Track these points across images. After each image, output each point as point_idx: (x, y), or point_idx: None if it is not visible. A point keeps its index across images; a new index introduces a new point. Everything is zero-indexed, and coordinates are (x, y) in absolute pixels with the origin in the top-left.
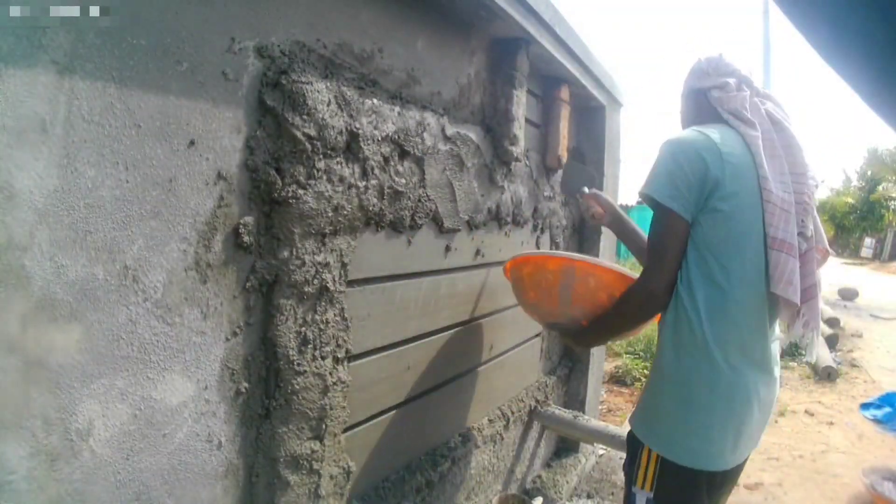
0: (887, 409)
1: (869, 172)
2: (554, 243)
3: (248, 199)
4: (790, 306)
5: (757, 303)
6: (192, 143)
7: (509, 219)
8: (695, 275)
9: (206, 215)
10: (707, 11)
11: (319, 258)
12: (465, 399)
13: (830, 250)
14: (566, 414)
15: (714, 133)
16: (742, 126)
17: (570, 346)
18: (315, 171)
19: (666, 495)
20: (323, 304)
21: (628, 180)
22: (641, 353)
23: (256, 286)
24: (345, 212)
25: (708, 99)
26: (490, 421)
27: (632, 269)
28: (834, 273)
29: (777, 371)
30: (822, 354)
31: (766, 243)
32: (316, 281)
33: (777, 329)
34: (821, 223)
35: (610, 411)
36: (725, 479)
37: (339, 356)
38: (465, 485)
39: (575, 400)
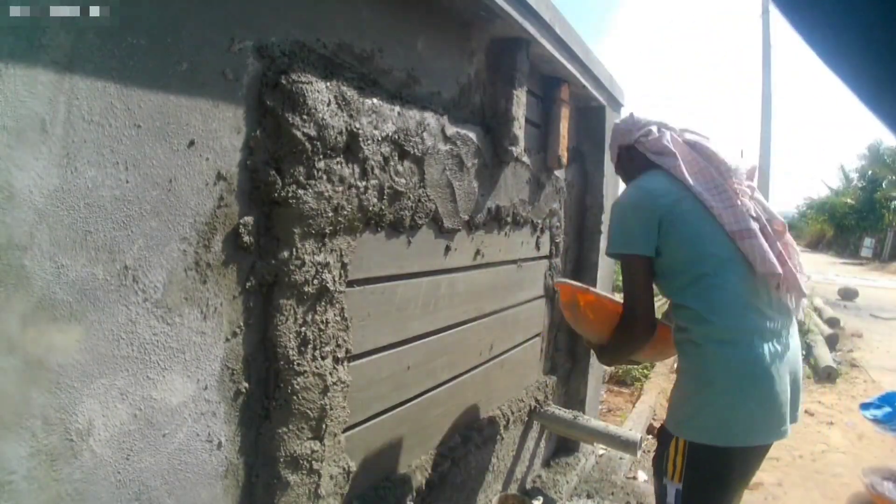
0: (887, 409)
1: (869, 172)
2: (553, 243)
3: (248, 199)
4: (775, 276)
5: (743, 283)
6: (192, 143)
7: (509, 219)
8: (682, 282)
9: (206, 215)
10: (706, 11)
11: (319, 258)
12: (464, 399)
13: (784, 221)
14: (566, 414)
15: (645, 183)
16: (665, 160)
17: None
18: (315, 172)
19: (694, 482)
20: (323, 304)
21: None
22: None
23: (256, 286)
24: (345, 212)
25: (637, 149)
26: (490, 421)
27: None
28: (834, 273)
29: (790, 340)
30: (822, 354)
31: (730, 238)
32: (316, 281)
33: (784, 303)
34: (767, 205)
35: (610, 411)
36: (758, 455)
37: (339, 356)
38: (465, 485)
39: (575, 400)
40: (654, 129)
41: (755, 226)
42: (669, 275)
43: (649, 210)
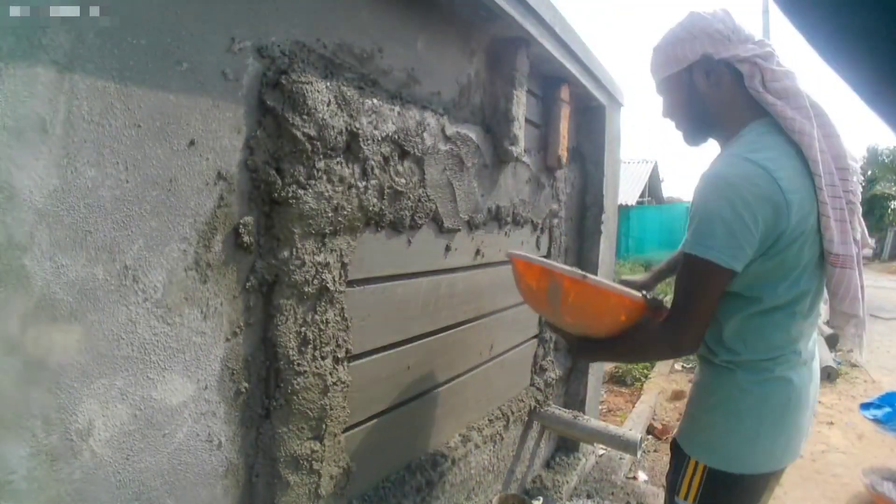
0: (887, 409)
1: (869, 172)
2: (553, 243)
3: (248, 199)
4: (854, 318)
5: (811, 315)
6: (192, 143)
7: (509, 219)
8: (744, 314)
9: (206, 215)
10: (706, 10)
11: (319, 258)
12: (465, 399)
13: (870, 244)
14: (566, 414)
15: (768, 160)
16: (797, 118)
17: (570, 352)
18: (315, 172)
19: (711, 502)
20: (323, 304)
21: (628, 180)
22: None
23: (256, 286)
24: (345, 212)
25: (733, 74)
26: (490, 421)
27: (633, 268)
28: None
29: (816, 358)
30: (822, 355)
31: (822, 256)
32: (316, 281)
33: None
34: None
35: (610, 411)
36: (778, 475)
37: (339, 356)
38: (465, 485)
39: (575, 400)
40: (773, 52)
41: (856, 252)
42: (733, 296)
43: (773, 219)
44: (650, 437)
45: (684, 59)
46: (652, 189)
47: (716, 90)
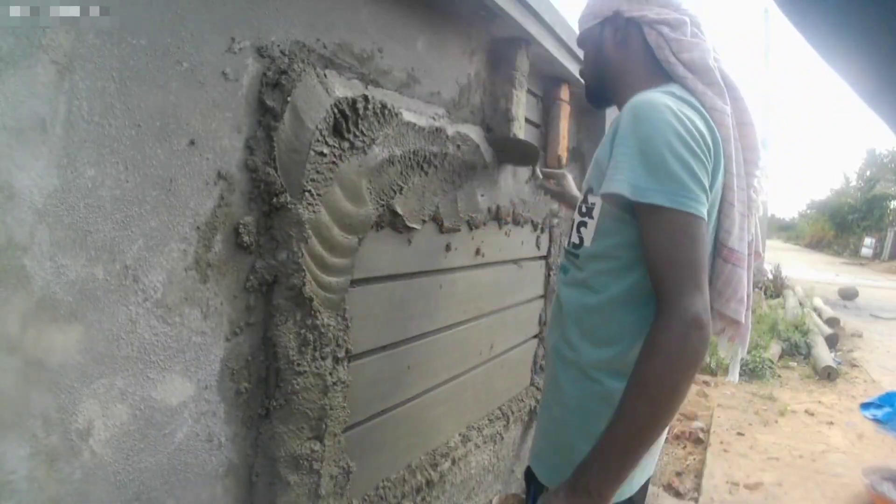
0: (887, 409)
1: (868, 173)
2: (554, 243)
3: (247, 199)
4: (733, 324)
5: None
6: (192, 142)
7: (509, 219)
8: (637, 289)
9: (206, 215)
10: (707, 11)
11: None
12: (465, 399)
13: (762, 256)
14: None
15: (687, 109)
16: (707, 94)
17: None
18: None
19: None
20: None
21: None
22: None
23: (256, 286)
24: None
25: (643, 38)
26: (490, 421)
27: None
28: (834, 273)
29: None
30: (822, 354)
31: (714, 251)
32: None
33: None
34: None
35: None
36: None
37: (339, 356)
38: (465, 485)
39: None
40: (689, 21)
41: (747, 254)
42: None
43: (707, 147)
44: None
45: (600, 13)
46: None
47: (622, 51)
